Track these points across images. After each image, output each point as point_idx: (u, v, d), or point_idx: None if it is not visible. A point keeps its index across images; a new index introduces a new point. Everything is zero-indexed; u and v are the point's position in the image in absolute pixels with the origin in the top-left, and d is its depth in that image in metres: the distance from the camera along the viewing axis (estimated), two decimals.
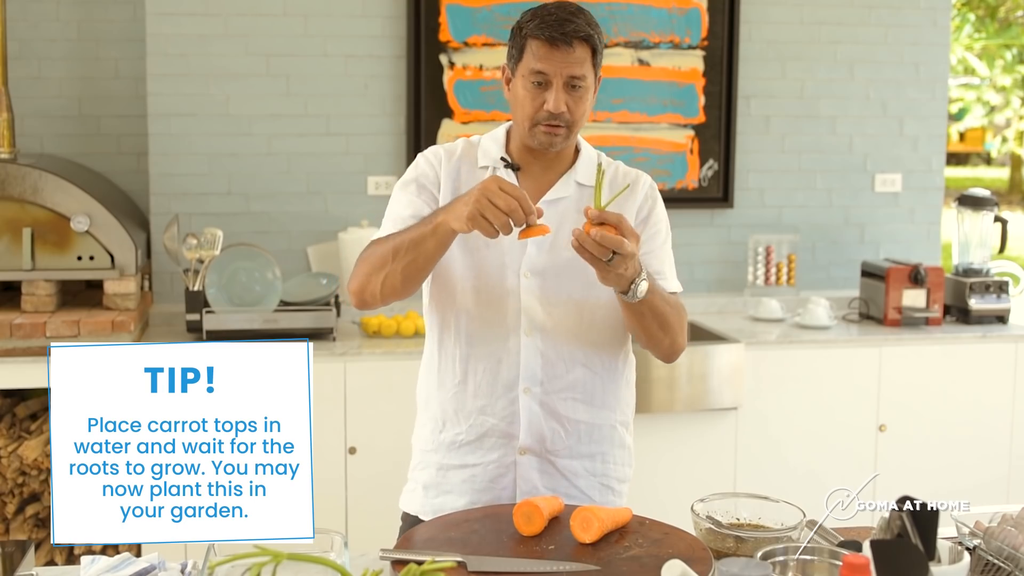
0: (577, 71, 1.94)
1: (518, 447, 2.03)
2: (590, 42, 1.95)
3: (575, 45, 1.94)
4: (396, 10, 3.92)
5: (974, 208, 4.09)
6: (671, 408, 3.57)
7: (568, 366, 2.04)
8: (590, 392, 2.06)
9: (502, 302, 2.01)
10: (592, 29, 1.96)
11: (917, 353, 3.79)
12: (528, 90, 1.96)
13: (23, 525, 3.32)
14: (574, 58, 1.94)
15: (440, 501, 2.08)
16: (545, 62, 1.93)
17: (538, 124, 1.97)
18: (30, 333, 3.30)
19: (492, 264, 2.02)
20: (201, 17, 3.83)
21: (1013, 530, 1.66)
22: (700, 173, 4.19)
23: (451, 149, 2.09)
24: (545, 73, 1.94)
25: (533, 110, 1.96)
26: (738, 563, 1.48)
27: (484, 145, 2.09)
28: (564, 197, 2.04)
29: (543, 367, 2.02)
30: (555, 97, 1.94)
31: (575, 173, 2.07)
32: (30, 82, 3.88)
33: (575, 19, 1.95)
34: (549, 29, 1.93)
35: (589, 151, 2.11)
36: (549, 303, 2.01)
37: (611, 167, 2.11)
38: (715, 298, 4.18)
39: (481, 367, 2.03)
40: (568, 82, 1.94)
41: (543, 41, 1.94)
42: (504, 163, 2.05)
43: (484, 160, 2.07)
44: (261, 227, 3.89)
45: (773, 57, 4.22)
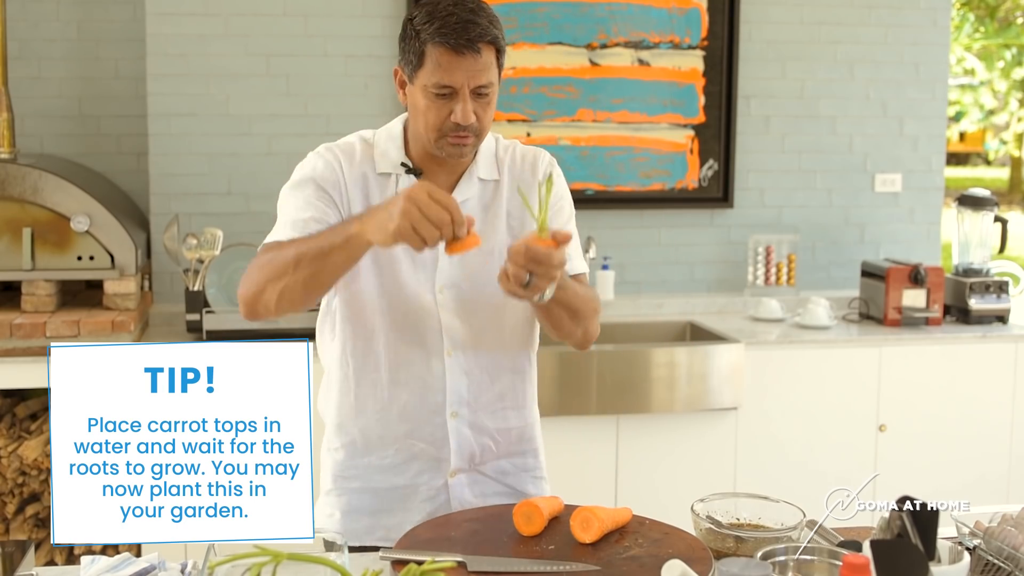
0: (484, 79, 1.81)
1: (449, 470, 1.97)
2: (495, 44, 1.82)
3: (482, 50, 1.79)
4: (396, 10, 3.92)
5: (974, 208, 4.09)
6: (671, 408, 3.57)
7: (493, 377, 1.97)
8: (516, 396, 2.01)
9: (421, 323, 1.92)
10: (496, 28, 1.82)
11: (917, 353, 3.79)
12: (432, 101, 1.82)
13: (23, 525, 3.32)
14: (481, 65, 1.80)
15: (364, 524, 1.98)
16: (451, 73, 1.79)
17: (445, 135, 1.84)
18: (30, 333, 3.30)
19: (405, 281, 1.91)
20: (201, 17, 3.83)
21: (1013, 530, 1.66)
22: (700, 173, 4.19)
23: (348, 151, 1.94)
24: (451, 85, 1.80)
25: (439, 121, 1.83)
26: (738, 563, 1.48)
27: (381, 147, 1.95)
28: (469, 198, 1.94)
29: (469, 387, 1.95)
30: (463, 108, 1.81)
31: (476, 169, 1.95)
32: (30, 82, 3.88)
33: (478, 19, 1.79)
34: (453, 36, 1.77)
35: (486, 142, 1.97)
36: (468, 314, 1.93)
37: (508, 151, 2.00)
38: (715, 298, 4.18)
39: (405, 393, 1.94)
40: (475, 90, 1.81)
41: (447, 49, 1.78)
42: (405, 169, 1.92)
43: (384, 165, 1.93)
44: (261, 227, 3.85)
45: (773, 57, 4.22)
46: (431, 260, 1.91)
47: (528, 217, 1.94)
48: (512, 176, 1.99)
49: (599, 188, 4.12)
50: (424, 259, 1.90)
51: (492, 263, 1.90)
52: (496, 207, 1.97)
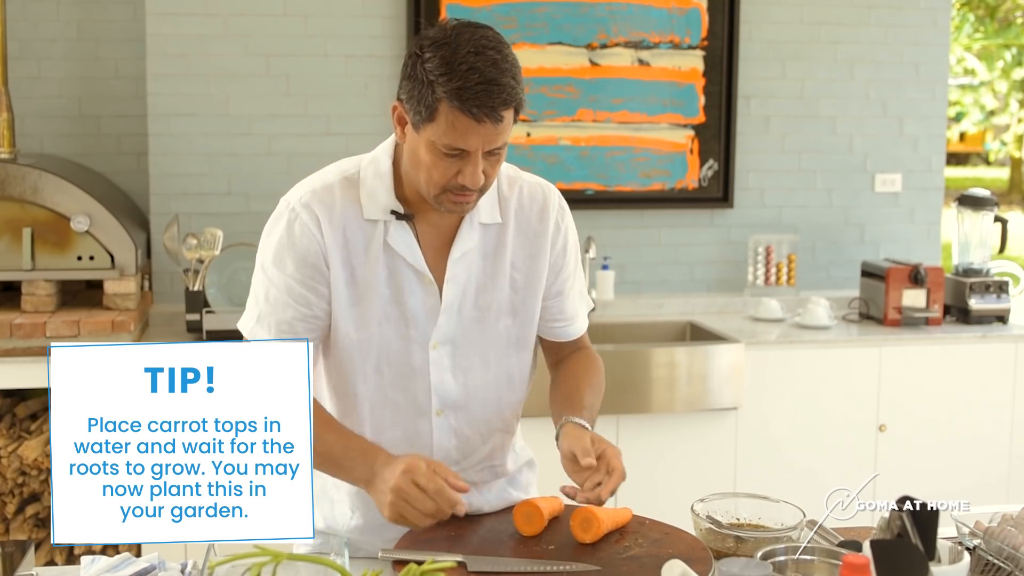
0: (500, 141, 1.64)
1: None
2: (517, 104, 1.63)
3: (504, 116, 1.61)
4: (396, 10, 3.92)
5: (974, 208, 4.09)
6: (671, 408, 3.57)
7: (485, 437, 1.87)
8: (502, 453, 1.91)
9: (409, 382, 1.79)
10: (518, 84, 1.63)
11: (917, 353, 3.79)
12: (439, 159, 1.64)
13: (23, 525, 3.32)
14: (500, 129, 1.62)
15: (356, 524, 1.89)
16: (466, 138, 1.61)
17: (447, 192, 1.68)
18: (30, 333, 3.30)
19: (394, 339, 1.77)
20: (201, 17, 3.83)
21: (1013, 530, 1.66)
22: (700, 173, 4.19)
23: (327, 200, 1.76)
24: (464, 149, 1.63)
25: (444, 179, 1.66)
26: (738, 563, 1.48)
27: (368, 187, 1.76)
28: (469, 249, 1.78)
29: (457, 447, 1.84)
30: (473, 172, 1.64)
31: (478, 213, 1.78)
32: (30, 82, 3.88)
33: (501, 79, 1.59)
34: (475, 103, 1.58)
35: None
36: (462, 373, 1.80)
37: (514, 188, 1.83)
38: (715, 298, 4.18)
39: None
40: (488, 151, 1.65)
41: (465, 115, 1.59)
42: (396, 216, 1.75)
43: (372, 211, 1.75)
44: (261, 227, 3.86)
45: (773, 57, 4.22)
46: (429, 315, 1.78)
47: (535, 271, 1.83)
48: (519, 223, 1.82)
49: (599, 188, 4.12)
50: (418, 314, 1.77)
51: (488, 319, 1.81)
52: (499, 256, 1.82)
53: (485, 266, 1.81)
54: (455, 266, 1.78)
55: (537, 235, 1.83)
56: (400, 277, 1.77)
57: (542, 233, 1.84)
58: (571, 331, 1.93)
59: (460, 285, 1.79)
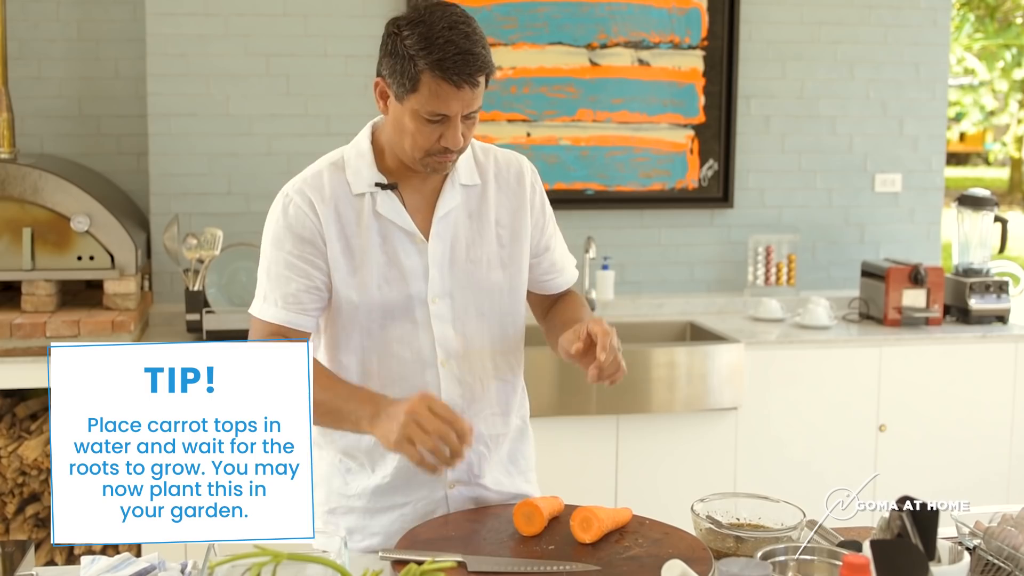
0: (475, 105, 1.82)
1: (447, 482, 1.96)
2: (489, 71, 1.81)
3: (479, 82, 1.80)
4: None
5: (974, 208, 4.09)
6: (671, 408, 3.57)
7: (484, 383, 1.98)
8: (505, 402, 2.02)
9: (413, 336, 1.92)
10: (487, 53, 1.80)
11: (917, 353, 3.79)
12: (422, 125, 1.81)
13: (23, 525, 3.32)
14: (476, 93, 1.80)
15: (366, 544, 1.96)
16: (447, 104, 1.78)
17: (431, 155, 1.84)
18: (30, 333, 3.30)
19: (396, 297, 1.91)
20: (201, 17, 3.83)
21: (1013, 530, 1.66)
22: (700, 173, 4.19)
23: (316, 184, 1.92)
24: (446, 114, 1.80)
25: (428, 144, 1.83)
26: (738, 563, 1.48)
27: (353, 166, 1.93)
28: (453, 208, 1.93)
29: (462, 394, 1.95)
30: (454, 134, 1.81)
31: (458, 175, 1.94)
32: (30, 82, 3.88)
33: (475, 49, 1.77)
34: (455, 71, 1.75)
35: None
36: (461, 323, 1.94)
37: (488, 155, 2.00)
38: (715, 298, 4.18)
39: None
40: (466, 115, 1.82)
41: (446, 83, 1.76)
42: (381, 187, 1.91)
43: (358, 186, 1.91)
44: (261, 227, 3.86)
45: (773, 57, 4.22)
46: (421, 272, 1.91)
47: (520, 228, 1.98)
48: (499, 184, 1.98)
49: (599, 188, 4.12)
50: (414, 272, 1.90)
51: (479, 272, 1.94)
52: (483, 214, 1.97)
53: (471, 224, 1.95)
54: (439, 223, 1.93)
55: (516, 194, 2.00)
56: (393, 240, 1.91)
57: (520, 193, 2.00)
58: (561, 281, 2.10)
59: (447, 241, 1.93)
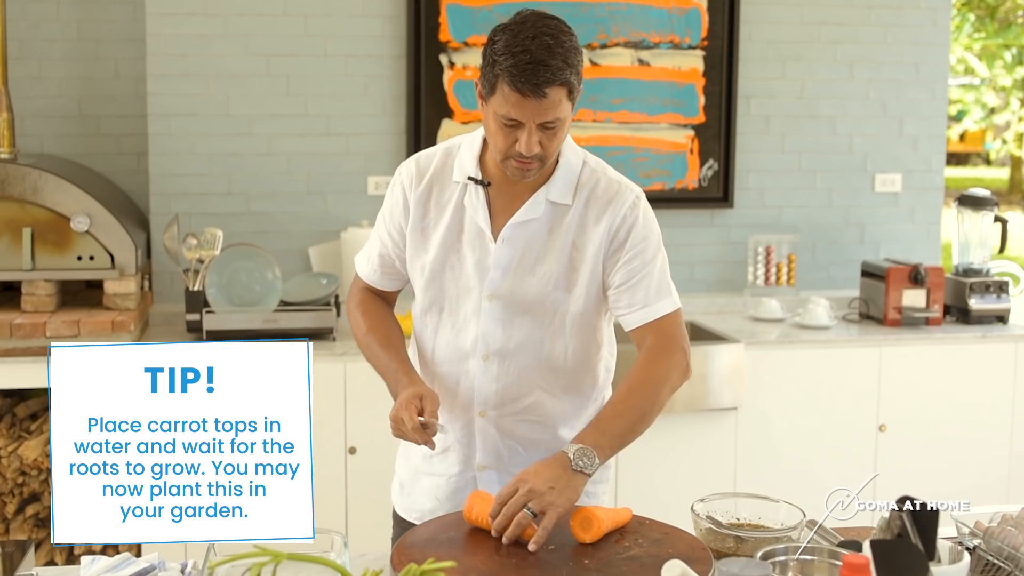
0: (550, 116, 1.85)
1: (476, 464, 2.05)
2: (566, 84, 1.84)
3: (548, 94, 1.82)
4: (396, 10, 3.92)
5: (974, 208, 4.09)
6: (671, 408, 3.56)
7: (525, 390, 2.02)
8: (549, 415, 2.04)
9: (464, 326, 2.02)
10: (568, 67, 1.83)
11: (917, 353, 3.79)
12: (500, 127, 1.87)
13: (23, 525, 3.32)
14: (546, 105, 1.83)
15: (410, 501, 2.14)
16: (517, 110, 1.84)
17: (510, 159, 1.90)
18: (30, 333, 3.30)
19: (454, 287, 2.02)
20: (201, 17, 3.83)
21: (1013, 530, 1.66)
22: (700, 173, 4.19)
23: (425, 165, 2.05)
24: (518, 120, 1.85)
25: (505, 146, 1.89)
26: (738, 563, 1.48)
27: (461, 155, 2.03)
28: (533, 219, 1.98)
29: (498, 392, 2.01)
30: (527, 140, 1.86)
31: (549, 191, 1.98)
32: (30, 82, 3.88)
33: (550, 61, 1.81)
34: (521, 79, 1.80)
35: (570, 164, 2.01)
36: (511, 326, 1.99)
37: (592, 177, 2.02)
38: (715, 298, 4.18)
39: (440, 387, 2.05)
40: (542, 124, 1.86)
41: (513, 90, 1.82)
42: (473, 182, 1.99)
43: (458, 174, 2.02)
44: (261, 227, 3.89)
45: (773, 57, 4.22)
46: (483, 271, 1.99)
47: (594, 255, 1.98)
48: (588, 206, 1.99)
49: None
50: (477, 267, 1.99)
51: (542, 287, 1.98)
52: (561, 233, 1.99)
53: (548, 239, 1.99)
54: (513, 229, 1.98)
55: (600, 221, 1.99)
56: (466, 233, 2.00)
57: (606, 221, 1.99)
58: (629, 320, 2.02)
59: (517, 247, 1.98)
